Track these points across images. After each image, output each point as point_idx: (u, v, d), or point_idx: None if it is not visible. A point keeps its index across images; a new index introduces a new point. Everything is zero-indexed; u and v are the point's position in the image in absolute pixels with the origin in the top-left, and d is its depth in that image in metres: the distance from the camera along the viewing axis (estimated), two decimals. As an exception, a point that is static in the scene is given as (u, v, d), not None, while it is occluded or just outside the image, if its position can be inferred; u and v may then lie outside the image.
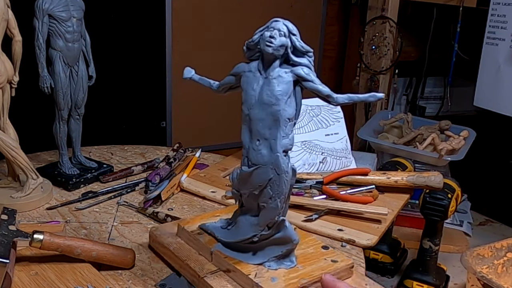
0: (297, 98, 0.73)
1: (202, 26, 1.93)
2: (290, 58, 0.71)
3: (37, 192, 1.06)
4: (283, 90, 0.71)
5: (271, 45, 0.70)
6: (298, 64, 0.71)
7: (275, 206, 0.74)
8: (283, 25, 0.71)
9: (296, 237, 0.77)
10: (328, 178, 1.10)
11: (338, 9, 2.31)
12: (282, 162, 0.72)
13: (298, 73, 0.71)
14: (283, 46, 0.70)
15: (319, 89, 0.71)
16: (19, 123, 1.06)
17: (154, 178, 1.11)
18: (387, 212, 1.00)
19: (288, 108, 0.71)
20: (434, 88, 2.27)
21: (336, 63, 2.38)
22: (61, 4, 1.05)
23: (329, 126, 1.26)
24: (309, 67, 0.72)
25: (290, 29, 0.71)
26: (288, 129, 0.72)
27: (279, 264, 0.78)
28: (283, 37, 0.70)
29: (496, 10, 1.66)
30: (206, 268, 0.79)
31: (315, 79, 0.71)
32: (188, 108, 1.97)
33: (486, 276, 1.14)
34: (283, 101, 0.71)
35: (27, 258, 0.82)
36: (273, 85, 0.71)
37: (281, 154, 0.72)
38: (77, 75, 1.12)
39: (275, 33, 0.70)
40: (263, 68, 0.72)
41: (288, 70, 0.71)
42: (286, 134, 0.72)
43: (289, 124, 0.72)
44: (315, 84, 0.71)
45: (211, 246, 0.81)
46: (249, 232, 0.78)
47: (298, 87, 0.72)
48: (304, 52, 0.71)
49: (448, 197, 1.29)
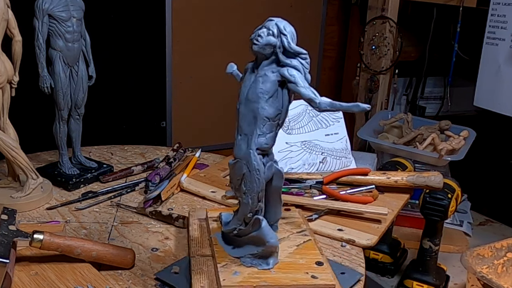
0: (283, 99, 0.72)
1: (202, 26, 1.93)
2: (279, 58, 0.71)
3: (37, 192, 1.06)
4: (264, 89, 0.71)
5: (257, 43, 0.70)
6: (286, 65, 0.71)
7: (247, 202, 0.76)
8: (274, 25, 0.70)
9: (271, 239, 0.77)
10: (328, 178, 1.10)
11: (338, 9, 2.31)
12: (254, 159, 0.73)
13: (282, 73, 0.71)
14: (269, 45, 0.70)
15: (301, 92, 0.70)
16: (19, 123, 1.06)
17: (154, 178, 1.11)
18: (387, 212, 1.00)
19: (268, 108, 0.71)
20: (434, 88, 2.27)
21: (336, 63, 2.39)
22: (61, 4, 1.05)
23: (329, 126, 1.26)
24: (297, 68, 0.70)
25: (280, 29, 0.70)
26: (266, 128, 0.72)
27: (252, 262, 0.79)
28: (271, 36, 0.70)
29: (496, 10, 1.66)
30: (201, 251, 0.85)
31: (299, 81, 0.70)
32: (188, 108, 1.97)
33: (486, 276, 1.14)
34: (264, 100, 0.71)
35: (27, 258, 0.82)
36: (258, 83, 0.71)
37: (254, 151, 0.73)
38: (77, 75, 1.12)
39: (262, 32, 0.70)
40: (256, 66, 0.73)
41: (276, 70, 0.71)
42: (263, 133, 0.73)
43: (267, 123, 0.72)
44: (297, 86, 0.70)
45: (213, 233, 0.87)
46: (232, 225, 0.82)
47: (286, 89, 0.72)
48: (295, 54, 0.70)
49: (448, 197, 1.29)
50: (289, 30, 0.71)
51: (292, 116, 1.23)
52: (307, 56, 0.71)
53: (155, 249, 0.91)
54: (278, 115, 0.73)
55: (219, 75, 2.11)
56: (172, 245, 0.93)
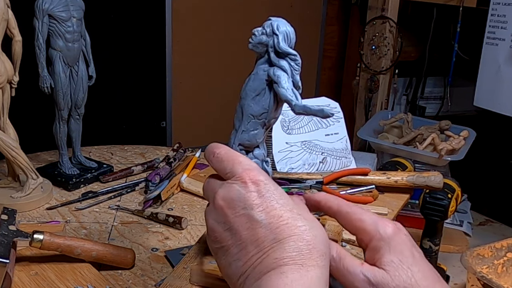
0: (270, 99, 0.72)
1: (202, 26, 1.93)
2: (270, 58, 0.71)
3: (37, 192, 1.06)
4: (252, 86, 0.71)
5: (250, 42, 0.70)
6: (275, 64, 0.70)
7: None
8: (269, 24, 0.70)
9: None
10: (328, 178, 1.10)
11: (338, 9, 2.31)
12: None
13: (268, 72, 0.70)
14: (262, 44, 0.70)
15: (280, 92, 0.69)
16: (19, 123, 1.06)
17: (154, 178, 1.11)
18: (387, 212, 1.00)
19: (253, 105, 0.72)
20: (434, 88, 2.28)
21: (336, 63, 2.39)
22: (61, 4, 1.05)
23: (329, 126, 1.26)
24: (284, 69, 0.69)
25: (273, 28, 0.69)
26: (250, 125, 0.73)
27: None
28: (264, 35, 0.70)
29: (496, 10, 1.66)
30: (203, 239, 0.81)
31: (281, 82, 0.69)
32: (188, 108, 1.97)
33: (486, 276, 1.14)
34: (250, 97, 0.71)
35: (27, 258, 0.82)
36: (249, 80, 0.72)
37: (235, 146, 0.74)
38: (77, 75, 1.12)
39: (257, 30, 0.70)
40: (255, 64, 0.73)
41: (266, 69, 0.71)
42: (247, 129, 0.73)
43: (252, 121, 0.73)
44: (278, 87, 0.69)
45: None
46: None
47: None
48: (284, 54, 0.69)
49: (448, 197, 1.29)
50: (283, 30, 0.70)
51: (292, 116, 1.23)
52: (296, 58, 0.70)
53: (155, 249, 0.91)
54: (264, 114, 0.73)
55: (219, 75, 2.12)
56: (172, 245, 0.93)
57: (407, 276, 0.51)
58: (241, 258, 0.51)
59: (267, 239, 0.49)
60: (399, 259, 0.52)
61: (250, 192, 0.51)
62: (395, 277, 0.51)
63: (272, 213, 0.50)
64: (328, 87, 2.38)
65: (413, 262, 0.52)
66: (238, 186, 0.52)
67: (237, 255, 0.51)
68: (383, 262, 0.52)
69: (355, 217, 0.58)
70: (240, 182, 0.52)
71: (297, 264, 0.48)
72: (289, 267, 0.48)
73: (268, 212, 0.50)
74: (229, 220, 0.52)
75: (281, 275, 0.47)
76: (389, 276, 0.51)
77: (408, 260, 0.52)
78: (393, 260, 0.52)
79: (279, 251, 0.48)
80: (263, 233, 0.50)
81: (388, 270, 0.52)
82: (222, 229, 0.52)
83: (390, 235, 0.54)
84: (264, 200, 0.51)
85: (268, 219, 0.50)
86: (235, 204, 0.51)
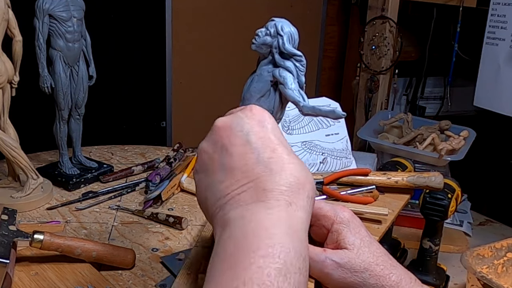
0: (275, 100, 0.71)
1: (202, 26, 1.93)
2: (275, 59, 0.70)
3: (37, 192, 1.06)
4: (257, 88, 0.71)
5: (254, 42, 0.70)
6: (280, 65, 0.70)
7: None
8: (273, 25, 0.70)
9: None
10: (329, 179, 1.10)
11: (338, 9, 2.31)
12: None
13: (274, 73, 0.70)
14: (266, 45, 0.70)
15: (287, 93, 0.69)
16: (19, 123, 1.06)
17: (154, 178, 1.11)
18: (388, 213, 1.00)
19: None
20: (434, 88, 2.27)
21: (336, 63, 2.39)
22: (62, 4, 1.05)
23: (329, 126, 1.26)
24: (290, 70, 0.69)
25: (278, 29, 0.69)
26: None
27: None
28: (268, 36, 0.69)
29: (496, 10, 1.66)
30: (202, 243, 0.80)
31: (288, 83, 0.69)
32: (188, 108, 1.97)
33: (486, 276, 1.14)
34: (255, 98, 0.71)
35: (27, 258, 0.82)
36: (253, 81, 0.71)
37: None
38: (78, 75, 1.12)
39: (260, 31, 0.70)
40: (258, 65, 0.73)
41: (271, 70, 0.71)
42: None
43: None
44: (284, 88, 0.69)
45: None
46: None
47: (279, 90, 0.72)
48: (289, 55, 0.69)
49: (448, 197, 1.29)
50: (287, 30, 0.70)
51: (293, 116, 1.23)
52: (302, 58, 0.70)
53: (155, 249, 0.91)
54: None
55: (219, 75, 2.12)
56: (172, 245, 0.93)
57: (369, 253, 0.57)
58: (224, 181, 0.50)
59: (257, 167, 0.49)
60: (359, 239, 0.57)
61: (252, 119, 0.52)
62: (359, 254, 0.56)
63: (268, 143, 0.50)
64: (328, 87, 2.38)
65: (370, 241, 0.58)
66: (242, 113, 0.53)
67: (221, 177, 0.50)
68: (347, 242, 0.57)
69: (314, 206, 0.60)
70: (245, 111, 0.53)
71: (286, 201, 0.47)
72: (278, 203, 0.47)
73: (264, 142, 0.50)
74: (223, 140, 0.52)
75: (267, 210, 0.46)
76: (353, 254, 0.56)
77: (366, 239, 0.58)
78: (355, 240, 0.57)
79: (268, 182, 0.48)
80: (254, 159, 0.49)
81: (351, 249, 0.56)
82: (213, 150, 0.52)
83: (349, 218, 0.59)
84: (263, 130, 0.51)
85: (262, 148, 0.50)
86: (234, 126, 0.52)
